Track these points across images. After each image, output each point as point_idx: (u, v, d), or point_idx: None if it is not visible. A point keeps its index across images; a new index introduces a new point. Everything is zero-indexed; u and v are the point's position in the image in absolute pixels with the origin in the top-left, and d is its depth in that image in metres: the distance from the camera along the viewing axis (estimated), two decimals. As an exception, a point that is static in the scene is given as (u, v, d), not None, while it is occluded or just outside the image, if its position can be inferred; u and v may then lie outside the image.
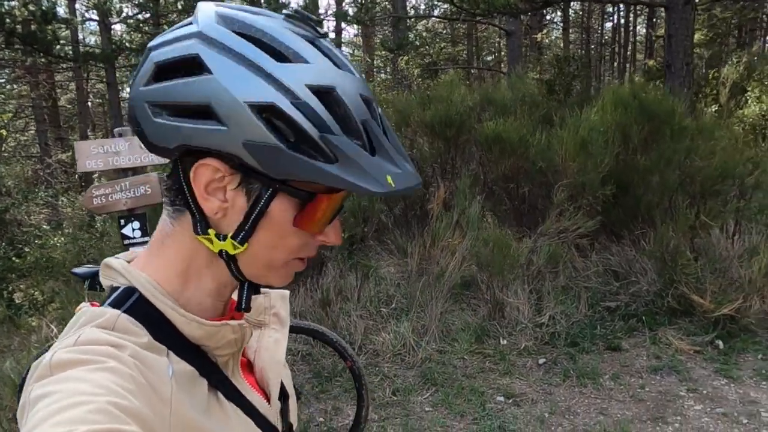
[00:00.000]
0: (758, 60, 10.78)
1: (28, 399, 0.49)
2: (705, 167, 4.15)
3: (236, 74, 0.54)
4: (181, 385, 0.57)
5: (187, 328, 0.60)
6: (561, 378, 3.71)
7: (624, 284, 4.55)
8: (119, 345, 0.53)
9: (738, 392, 3.35)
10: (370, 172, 0.54)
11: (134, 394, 0.50)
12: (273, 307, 0.78)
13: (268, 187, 0.57)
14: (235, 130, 0.54)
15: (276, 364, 0.73)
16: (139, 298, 0.59)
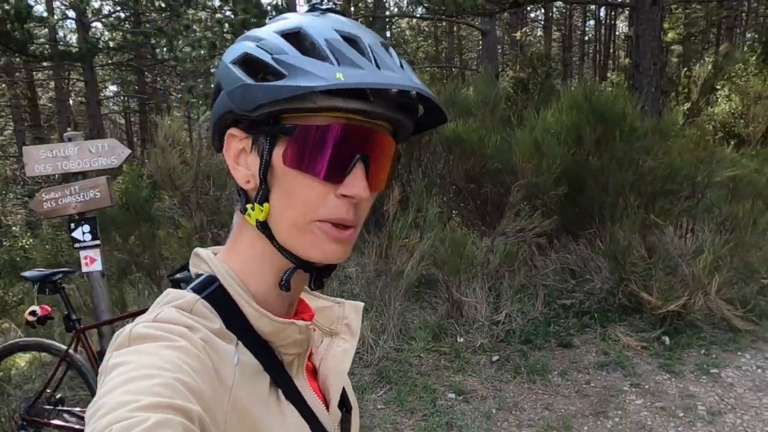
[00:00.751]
0: (725, 59, 10.96)
1: (107, 365, 0.52)
2: (655, 168, 4.26)
3: (233, 48, 0.62)
4: (244, 374, 0.58)
5: (258, 322, 0.62)
6: (512, 374, 3.80)
7: (580, 282, 4.66)
8: (192, 327, 0.56)
9: (678, 387, 3.46)
10: (317, 73, 0.55)
11: (199, 374, 0.52)
12: (346, 318, 0.78)
13: (267, 135, 0.60)
14: (225, 88, 0.60)
15: (340, 373, 0.73)
16: (219, 287, 0.62)
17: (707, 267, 3.89)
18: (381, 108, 0.60)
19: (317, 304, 0.78)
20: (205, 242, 4.42)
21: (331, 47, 0.58)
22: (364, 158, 0.60)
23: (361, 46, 0.59)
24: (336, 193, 0.60)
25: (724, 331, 3.96)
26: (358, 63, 0.57)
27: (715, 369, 3.58)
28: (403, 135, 0.67)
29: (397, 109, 0.61)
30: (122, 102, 29.74)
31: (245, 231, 0.65)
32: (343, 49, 0.58)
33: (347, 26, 0.61)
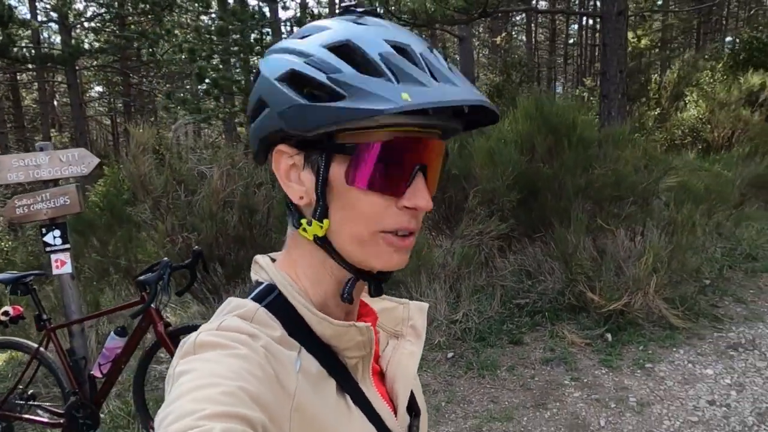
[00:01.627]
0: (690, 67, 11.30)
1: (174, 372, 0.53)
2: (603, 175, 4.51)
3: (272, 62, 0.61)
4: (308, 380, 0.58)
5: (318, 327, 0.62)
6: (464, 370, 4.03)
7: (534, 283, 4.91)
8: (254, 335, 0.57)
9: (614, 380, 3.71)
10: (381, 94, 0.54)
11: (261, 381, 0.52)
12: (411, 319, 0.77)
13: (322, 152, 0.60)
14: (273, 106, 0.59)
15: (407, 377, 0.72)
16: (278, 295, 0.63)
17: (647, 268, 4.15)
18: (439, 120, 0.61)
19: (381, 305, 0.77)
20: (176, 245, 4.61)
21: (386, 62, 0.56)
22: (423, 167, 0.61)
23: (414, 56, 0.58)
24: (398, 206, 0.60)
25: (662, 328, 4.23)
26: (418, 79, 0.56)
27: (649, 364, 3.84)
28: (451, 135, 0.67)
29: (451, 117, 0.63)
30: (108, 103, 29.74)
31: (300, 243, 0.65)
32: (400, 64, 0.57)
33: (394, 33, 0.60)
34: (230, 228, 4.79)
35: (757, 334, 4.11)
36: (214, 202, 4.59)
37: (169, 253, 4.65)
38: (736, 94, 9.68)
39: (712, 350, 3.95)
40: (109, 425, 3.63)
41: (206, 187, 4.44)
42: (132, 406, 3.67)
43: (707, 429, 3.17)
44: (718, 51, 11.67)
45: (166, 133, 7.90)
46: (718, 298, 4.66)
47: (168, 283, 2.96)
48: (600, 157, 4.63)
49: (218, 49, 8.95)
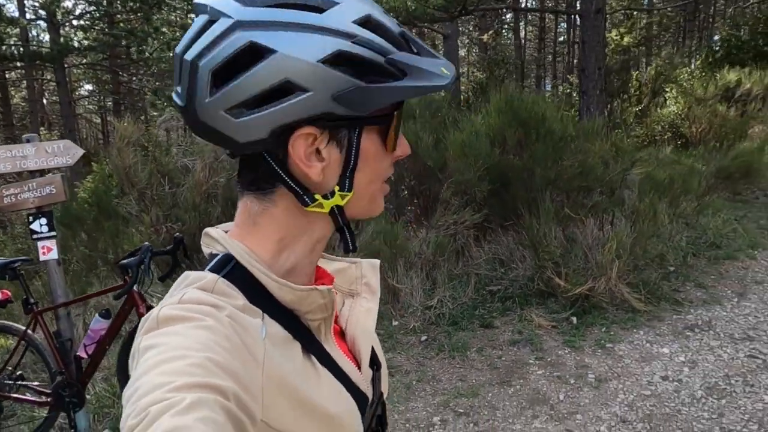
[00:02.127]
0: (667, 64, 11.53)
1: (138, 348, 0.53)
2: (571, 167, 4.72)
3: (296, 40, 0.56)
4: (274, 346, 0.59)
5: (279, 292, 0.63)
6: (436, 352, 4.23)
7: (507, 270, 5.11)
8: (218, 305, 0.57)
9: (576, 359, 3.92)
10: (432, 71, 0.59)
11: (229, 351, 0.52)
12: (364, 277, 0.79)
13: (354, 128, 0.61)
14: (320, 90, 0.57)
15: (367, 332, 0.74)
16: (236, 264, 0.63)
17: (611, 254, 4.36)
18: None
19: (333, 266, 0.79)
20: (160, 235, 4.77)
21: (405, 38, 0.61)
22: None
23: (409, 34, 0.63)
24: (393, 157, 0.67)
25: (625, 311, 4.44)
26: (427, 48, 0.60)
27: (610, 344, 4.05)
28: None
29: None
30: (98, 101, 29.72)
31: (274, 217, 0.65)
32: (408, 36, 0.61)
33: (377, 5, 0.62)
34: (213, 219, 4.96)
35: (713, 316, 4.33)
36: (197, 194, 4.76)
37: (154, 244, 4.82)
38: (712, 90, 9.92)
39: (670, 331, 4.17)
40: (95, 405, 3.80)
41: (190, 180, 4.61)
42: (117, 388, 3.84)
43: (659, 402, 3.38)
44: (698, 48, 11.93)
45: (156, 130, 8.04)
46: (681, 283, 4.87)
47: (149, 266, 3.13)
48: (569, 149, 4.83)
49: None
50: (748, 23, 13.55)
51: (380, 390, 0.77)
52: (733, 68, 10.55)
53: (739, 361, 3.74)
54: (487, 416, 3.40)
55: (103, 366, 4.06)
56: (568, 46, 29.92)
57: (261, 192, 0.65)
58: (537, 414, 3.36)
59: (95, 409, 3.76)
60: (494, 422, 3.33)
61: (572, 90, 15.16)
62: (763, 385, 3.45)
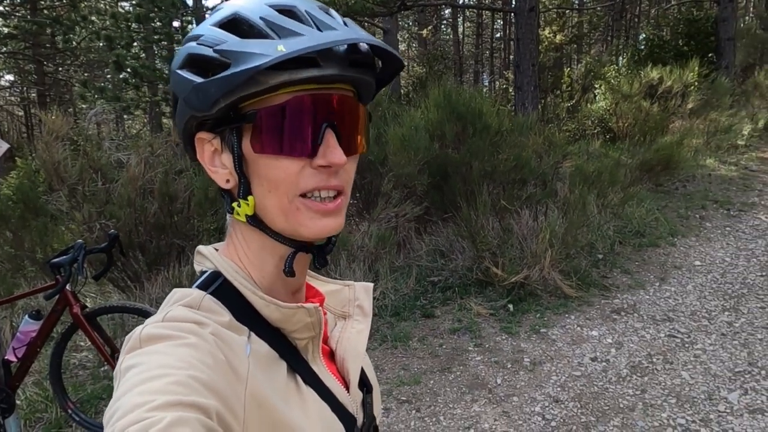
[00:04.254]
0: (596, 62, 12.06)
1: (120, 368, 0.52)
2: (505, 160, 4.90)
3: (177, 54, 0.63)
4: (258, 364, 0.59)
5: (266, 310, 0.62)
6: (379, 343, 4.30)
7: (447, 261, 5.25)
8: (201, 323, 0.56)
9: (512, 344, 4.09)
10: (260, 52, 0.55)
11: (212, 368, 0.52)
12: (357, 299, 0.78)
13: (232, 129, 0.60)
14: (180, 96, 0.61)
15: (357, 354, 0.73)
16: (224, 281, 0.63)
17: (544, 244, 4.56)
18: (334, 70, 0.58)
19: (327, 288, 0.79)
20: (93, 233, 4.61)
21: (268, 23, 0.58)
22: (332, 125, 0.60)
23: (299, 14, 0.59)
24: (312, 165, 0.60)
25: (557, 297, 4.67)
26: (298, 31, 0.57)
27: (544, 329, 4.25)
28: (367, 94, 0.66)
29: (351, 67, 0.60)
30: (20, 93, 28.03)
31: (237, 228, 0.66)
32: (281, 22, 0.58)
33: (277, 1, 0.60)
34: (150, 215, 4.83)
35: (637, 300, 4.62)
36: (132, 189, 4.62)
37: (87, 241, 4.64)
38: (637, 87, 10.47)
39: (598, 315, 4.42)
40: (26, 410, 3.65)
41: (124, 175, 4.47)
42: (50, 391, 3.70)
43: (588, 381, 3.59)
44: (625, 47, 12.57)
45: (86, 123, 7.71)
46: (608, 270, 5.16)
47: (83, 264, 3.03)
48: (504, 143, 5.00)
49: (138, 36, 8.76)
50: (669, 24, 14.37)
51: (372, 413, 0.75)
52: (655, 66, 11.16)
53: (660, 341, 4.02)
54: (428, 402, 3.50)
55: (34, 369, 3.90)
56: (504, 43, 30.69)
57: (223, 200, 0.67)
58: (476, 398, 3.50)
59: (26, 414, 3.61)
60: (435, 408, 3.44)
61: (508, 85, 15.60)
62: (680, 362, 3.72)
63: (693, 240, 5.85)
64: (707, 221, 6.39)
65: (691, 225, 6.27)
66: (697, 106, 10.06)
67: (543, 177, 5.09)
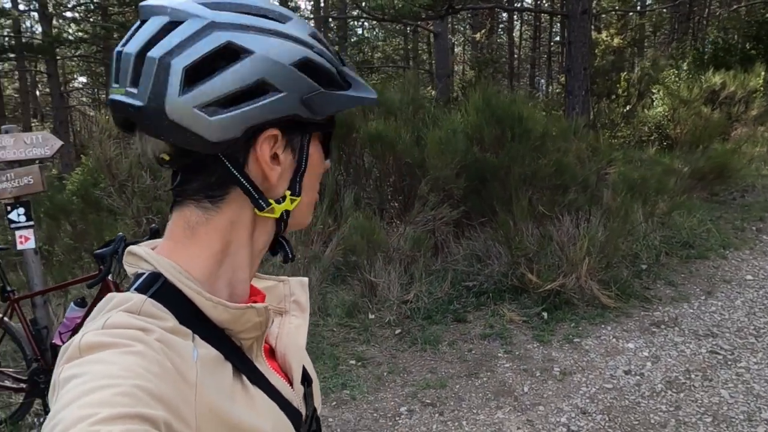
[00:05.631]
0: (652, 66, 11.62)
1: (58, 379, 0.49)
2: (545, 165, 4.81)
3: (270, 44, 0.60)
4: (206, 368, 0.57)
5: (213, 312, 0.61)
6: (408, 345, 4.32)
7: (484, 266, 5.20)
8: (146, 329, 0.54)
9: (543, 353, 4.01)
10: (367, 86, 0.66)
11: (160, 377, 0.50)
12: (293, 294, 0.79)
13: (306, 133, 0.66)
14: (292, 92, 0.61)
15: (298, 349, 0.74)
16: (165, 283, 0.60)
17: (582, 252, 4.45)
18: None
19: (262, 284, 0.78)
20: (141, 227, 4.84)
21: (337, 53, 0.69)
22: None
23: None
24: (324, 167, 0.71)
25: (595, 307, 4.54)
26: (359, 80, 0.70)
27: (578, 339, 4.15)
28: None
29: None
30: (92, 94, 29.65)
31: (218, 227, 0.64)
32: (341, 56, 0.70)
33: None
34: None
35: (680, 313, 4.43)
36: (178, 187, 4.82)
37: (136, 235, 4.89)
38: (697, 92, 10.03)
39: (636, 327, 4.27)
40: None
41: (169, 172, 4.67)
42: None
43: (620, 394, 3.48)
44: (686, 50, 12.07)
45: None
46: (652, 281, 4.98)
47: (122, 255, 3.20)
48: (545, 148, 4.92)
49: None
50: (737, 27, 13.68)
51: (313, 405, 0.77)
52: (718, 71, 10.67)
53: (700, 356, 3.85)
54: (452, 407, 3.49)
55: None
56: (562, 46, 30.03)
57: (209, 200, 0.63)
58: (501, 405, 3.46)
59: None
60: (459, 412, 3.42)
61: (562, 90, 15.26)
62: (721, 380, 3.55)
63: (746, 253, 5.56)
64: (764, 234, 6.06)
65: (746, 237, 5.96)
66: (762, 112, 9.53)
67: (585, 183, 4.96)
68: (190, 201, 0.63)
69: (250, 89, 0.58)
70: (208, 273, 0.63)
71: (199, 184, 0.63)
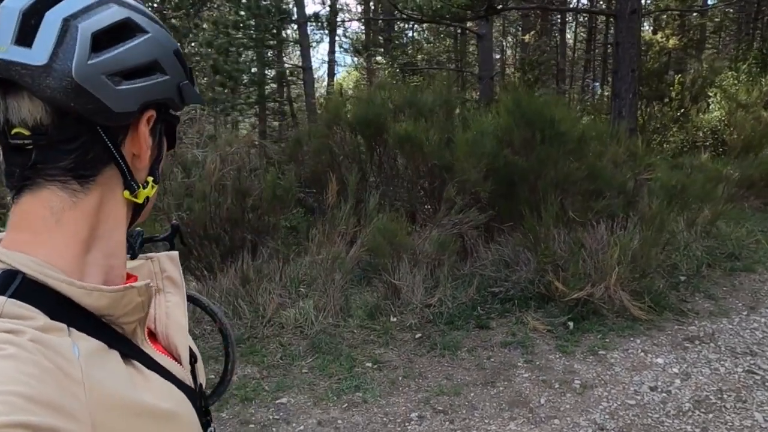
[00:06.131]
0: (708, 68, 11.06)
1: None
2: (578, 169, 4.63)
3: (158, 29, 0.63)
4: (92, 361, 0.53)
5: (87, 299, 0.57)
6: (427, 349, 4.24)
7: (511, 272, 5.06)
8: (15, 330, 0.49)
9: (565, 364, 3.85)
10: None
11: (40, 379, 0.47)
12: (164, 271, 0.76)
13: (163, 121, 0.66)
14: (173, 77, 0.64)
15: (180, 327, 0.72)
16: (24, 279, 0.55)
17: (612, 260, 4.26)
18: None
19: (128, 266, 0.73)
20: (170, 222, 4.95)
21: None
22: None
23: None
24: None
25: (625, 319, 4.33)
26: None
27: (603, 351, 3.96)
28: None
29: None
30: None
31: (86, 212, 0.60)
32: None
33: None
34: (224, 209, 5.11)
35: (717, 329, 4.17)
36: (207, 184, 4.91)
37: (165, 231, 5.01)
38: (756, 95, 9.49)
39: (668, 341, 4.04)
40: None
41: (201, 170, 4.77)
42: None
43: (642, 411, 3.30)
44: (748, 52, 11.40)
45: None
46: (690, 293, 4.71)
47: (139, 250, 3.28)
48: (579, 152, 4.74)
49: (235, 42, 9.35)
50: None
51: (200, 381, 0.75)
52: (782, 73, 10.06)
53: (735, 375, 3.60)
54: (464, 415, 3.39)
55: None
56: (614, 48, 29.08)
57: (78, 180, 0.59)
58: (515, 416, 3.34)
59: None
60: (470, 421, 3.32)
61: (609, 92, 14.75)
62: (756, 402, 3.31)
63: (799, 267, 5.19)
64: (821, 247, 5.65)
65: (801, 250, 5.57)
66: (828, 117, 8.92)
67: (621, 189, 4.75)
68: (52, 183, 0.58)
69: (145, 67, 0.61)
70: (76, 262, 0.59)
71: (69, 163, 0.58)
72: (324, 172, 5.50)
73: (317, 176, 5.93)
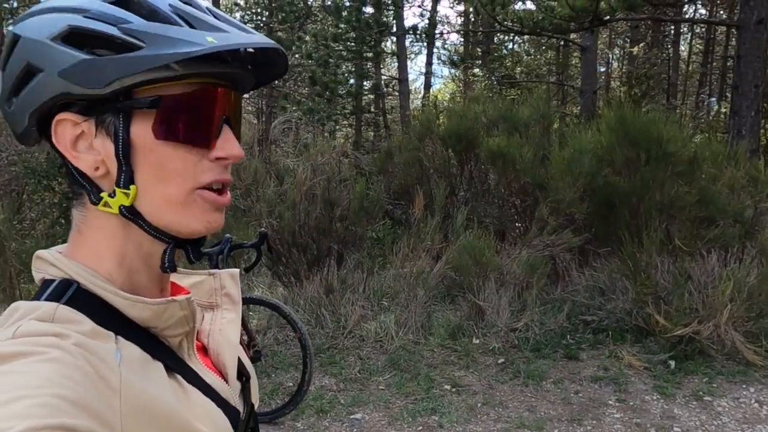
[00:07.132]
0: None
1: None
2: (687, 193, 4.24)
3: (35, 23, 0.56)
4: (132, 369, 0.54)
5: (132, 310, 0.58)
6: (510, 377, 4.03)
7: (606, 300, 4.72)
8: (61, 334, 0.51)
9: (663, 408, 3.50)
10: (187, 39, 0.54)
11: (80, 383, 0.48)
12: (224, 288, 0.75)
13: (118, 113, 0.56)
14: (50, 69, 0.54)
15: (231, 345, 0.71)
16: (78, 288, 0.57)
17: (724, 295, 3.84)
18: (238, 68, 0.61)
19: (189, 281, 0.74)
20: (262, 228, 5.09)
21: (177, 12, 0.57)
22: (227, 119, 0.60)
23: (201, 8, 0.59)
24: (209, 158, 0.59)
25: (737, 362, 3.88)
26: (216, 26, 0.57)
27: (709, 397, 3.56)
28: (245, 89, 0.66)
29: (247, 66, 0.63)
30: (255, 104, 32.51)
31: (97, 224, 0.60)
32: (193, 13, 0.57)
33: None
34: (312, 218, 5.19)
35: None
36: (297, 193, 5.01)
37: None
38: None
39: (789, 393, 3.57)
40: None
41: (291, 179, 4.87)
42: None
43: (754, 472, 2.92)
44: None
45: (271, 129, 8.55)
46: (818, 339, 4.14)
47: (227, 256, 3.37)
48: (688, 174, 4.34)
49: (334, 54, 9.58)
50: None
51: (251, 401, 0.75)
52: None
53: None
54: (546, 453, 3.17)
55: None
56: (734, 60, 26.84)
57: (76, 197, 0.61)
58: (602, 460, 3.07)
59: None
60: (552, 461, 3.10)
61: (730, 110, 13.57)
62: None
63: None
64: None
65: None
66: None
67: (738, 217, 4.28)
68: (74, 200, 0.62)
69: (24, 75, 0.57)
70: (115, 273, 0.60)
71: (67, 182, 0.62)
72: (413, 185, 5.44)
73: (406, 189, 5.89)
